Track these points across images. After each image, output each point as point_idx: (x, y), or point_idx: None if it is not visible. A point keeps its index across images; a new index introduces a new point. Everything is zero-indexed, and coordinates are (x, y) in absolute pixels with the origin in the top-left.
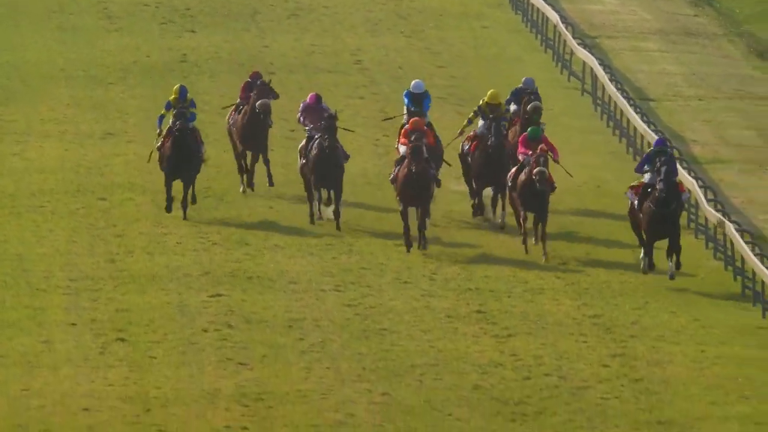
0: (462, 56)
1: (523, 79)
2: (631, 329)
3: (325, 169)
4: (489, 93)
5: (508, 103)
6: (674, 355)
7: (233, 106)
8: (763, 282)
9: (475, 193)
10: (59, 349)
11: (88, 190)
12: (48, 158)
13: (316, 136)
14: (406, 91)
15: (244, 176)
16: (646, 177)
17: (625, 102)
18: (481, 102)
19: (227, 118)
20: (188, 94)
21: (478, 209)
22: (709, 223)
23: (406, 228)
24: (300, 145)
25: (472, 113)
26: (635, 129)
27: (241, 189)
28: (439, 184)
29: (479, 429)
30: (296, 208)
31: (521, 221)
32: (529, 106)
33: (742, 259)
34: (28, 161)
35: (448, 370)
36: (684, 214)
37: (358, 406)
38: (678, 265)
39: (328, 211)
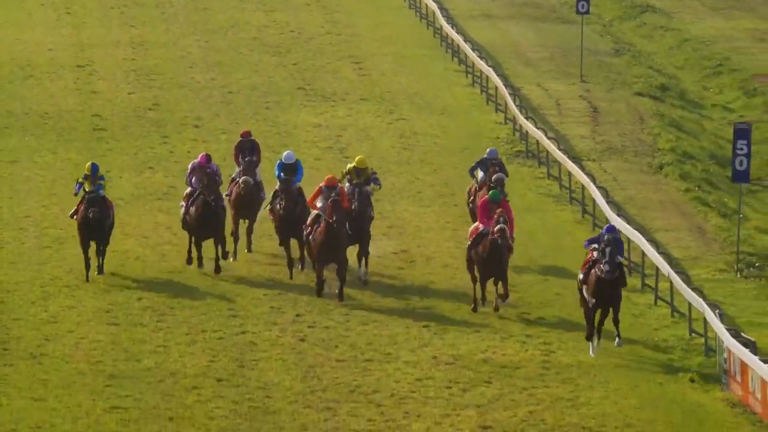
0: None
1: (488, 149)
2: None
3: (207, 226)
4: (357, 159)
5: (474, 170)
6: None
7: (230, 179)
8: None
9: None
10: (36, 20)
11: None
12: None
13: (199, 194)
14: (278, 162)
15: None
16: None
17: None
18: (348, 166)
19: (228, 189)
20: (99, 170)
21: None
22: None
23: (321, 280)
24: (186, 191)
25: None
26: None
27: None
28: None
29: None
30: None
31: (478, 288)
32: (493, 177)
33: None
34: None
35: None
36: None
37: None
38: (618, 335)
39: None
